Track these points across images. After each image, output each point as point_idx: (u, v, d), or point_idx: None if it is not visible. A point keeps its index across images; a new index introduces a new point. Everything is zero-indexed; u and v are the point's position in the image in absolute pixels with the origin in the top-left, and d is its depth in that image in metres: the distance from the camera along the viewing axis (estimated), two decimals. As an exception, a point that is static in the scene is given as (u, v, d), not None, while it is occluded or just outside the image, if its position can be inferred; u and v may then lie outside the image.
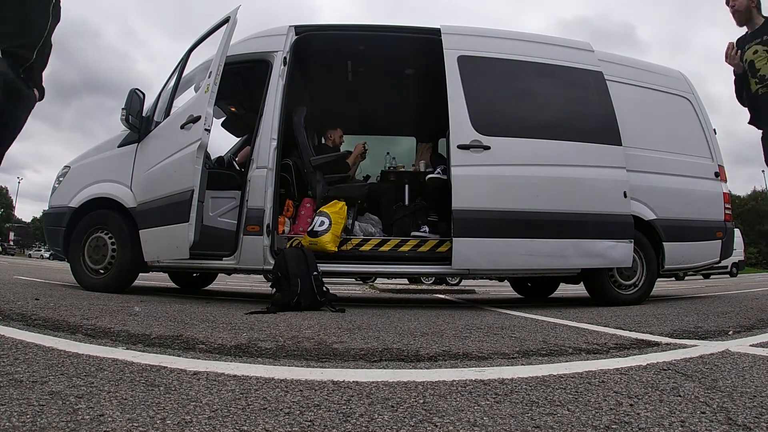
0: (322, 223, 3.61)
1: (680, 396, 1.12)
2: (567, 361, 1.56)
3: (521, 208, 3.46)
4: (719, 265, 5.15)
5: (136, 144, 3.84)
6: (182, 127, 3.23)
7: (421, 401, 1.06)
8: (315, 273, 3.17)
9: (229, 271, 3.96)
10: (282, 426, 0.88)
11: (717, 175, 4.15)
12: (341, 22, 5.64)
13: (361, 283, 10.18)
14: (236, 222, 3.60)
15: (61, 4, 2.22)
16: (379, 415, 0.96)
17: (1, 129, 2.09)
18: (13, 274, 6.07)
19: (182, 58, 3.90)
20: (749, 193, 54.37)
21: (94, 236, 3.81)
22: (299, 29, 3.86)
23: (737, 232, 16.39)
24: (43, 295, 3.04)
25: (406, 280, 9.72)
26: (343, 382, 1.22)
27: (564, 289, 6.41)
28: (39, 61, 2.19)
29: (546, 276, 4.69)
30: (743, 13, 2.94)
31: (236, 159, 4.76)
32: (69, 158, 4.32)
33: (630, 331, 2.27)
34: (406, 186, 4.71)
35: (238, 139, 5.36)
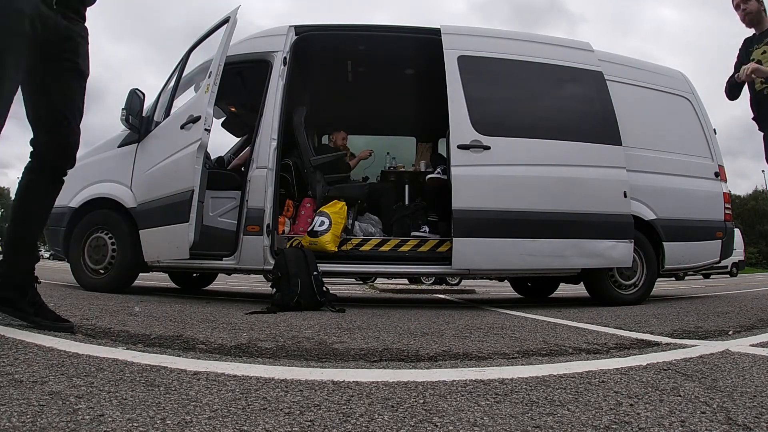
0: (322, 223, 3.61)
1: (680, 396, 1.12)
2: (567, 361, 1.56)
3: (521, 208, 3.46)
4: (719, 265, 5.15)
5: (136, 144, 3.84)
6: (182, 127, 3.23)
7: (421, 401, 1.06)
8: (315, 273, 3.17)
9: (229, 271, 3.95)
10: (282, 426, 0.88)
11: (717, 174, 4.15)
12: (341, 22, 5.64)
13: (361, 283, 10.18)
14: (236, 222, 3.60)
15: None
16: (379, 415, 0.96)
17: (60, 80, 1.73)
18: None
19: (182, 59, 3.90)
20: (749, 192, 54.38)
21: (94, 236, 3.81)
22: (299, 29, 3.86)
23: (737, 232, 16.38)
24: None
25: (406, 280, 9.72)
26: (343, 382, 1.22)
27: (564, 289, 6.41)
28: None
29: (546, 276, 4.69)
30: (754, 15, 2.98)
31: (234, 161, 4.74)
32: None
33: (630, 331, 2.27)
34: (406, 186, 4.71)
35: (238, 139, 5.37)
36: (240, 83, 4.43)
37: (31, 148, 1.76)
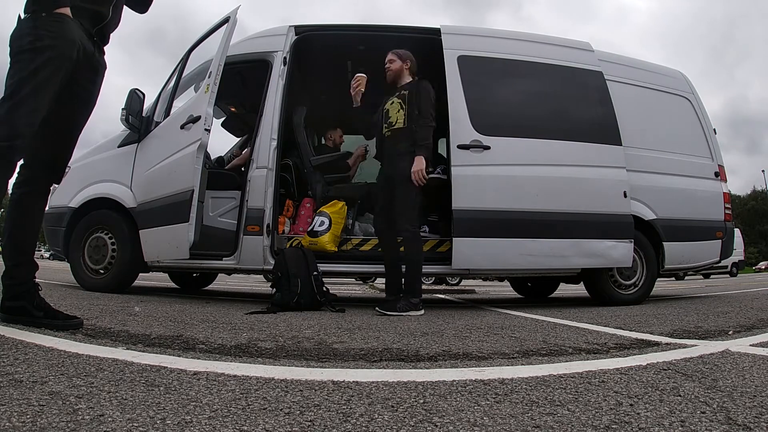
0: (322, 223, 3.61)
1: (680, 396, 1.12)
2: (567, 361, 1.56)
3: (521, 208, 3.46)
4: (719, 265, 5.15)
5: (136, 144, 3.84)
6: (182, 127, 3.23)
7: (421, 401, 1.06)
8: (315, 273, 3.17)
9: (229, 271, 3.95)
10: (282, 426, 0.88)
11: (717, 174, 4.15)
12: (341, 22, 5.62)
13: (361, 283, 10.18)
14: (236, 222, 3.60)
15: None
16: (379, 415, 0.96)
17: (74, 103, 1.86)
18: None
19: (182, 59, 3.90)
20: (748, 193, 54.38)
21: (94, 236, 3.80)
22: (299, 29, 3.86)
23: (737, 232, 16.38)
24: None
25: (406, 280, 9.70)
26: (343, 382, 1.22)
27: (564, 289, 6.41)
28: (114, 19, 1.92)
29: (546, 276, 4.69)
30: (394, 73, 3.39)
31: (233, 161, 4.72)
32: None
33: (630, 331, 2.27)
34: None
35: (238, 139, 5.36)
36: (240, 83, 4.42)
37: (22, 161, 1.79)
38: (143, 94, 3.85)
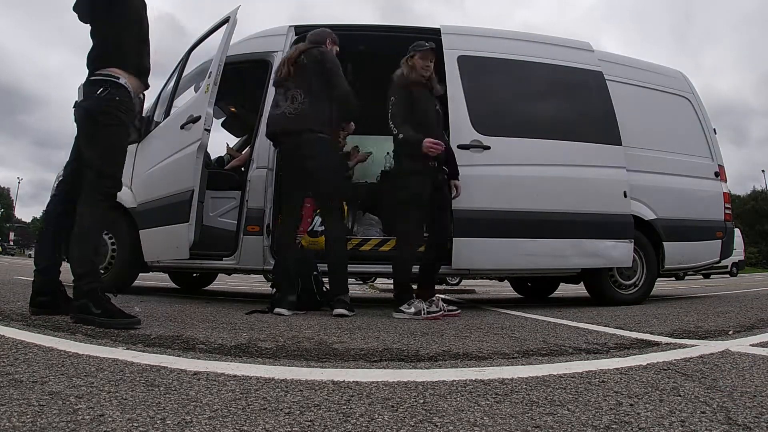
0: (323, 223, 3.61)
1: (680, 396, 1.12)
2: (567, 361, 1.56)
3: (521, 208, 3.46)
4: (719, 265, 5.15)
5: (136, 144, 3.84)
6: (182, 127, 3.23)
7: (421, 401, 1.06)
8: (315, 273, 3.17)
9: (229, 271, 3.95)
10: (282, 426, 0.88)
11: (717, 174, 4.15)
12: (341, 22, 5.65)
13: (361, 283, 10.18)
14: (236, 222, 3.60)
15: None
16: (379, 415, 0.96)
17: None
18: (12, 274, 6.08)
19: (182, 59, 3.89)
20: (749, 192, 54.30)
21: (94, 236, 3.80)
22: (299, 29, 3.86)
23: (737, 232, 16.37)
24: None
25: (406, 280, 9.70)
26: (343, 382, 1.22)
27: (564, 289, 6.41)
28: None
29: (546, 276, 4.69)
30: None
31: (232, 162, 4.70)
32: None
33: (630, 330, 2.27)
34: (406, 186, 4.68)
35: (238, 139, 5.36)
36: (240, 83, 4.42)
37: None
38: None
